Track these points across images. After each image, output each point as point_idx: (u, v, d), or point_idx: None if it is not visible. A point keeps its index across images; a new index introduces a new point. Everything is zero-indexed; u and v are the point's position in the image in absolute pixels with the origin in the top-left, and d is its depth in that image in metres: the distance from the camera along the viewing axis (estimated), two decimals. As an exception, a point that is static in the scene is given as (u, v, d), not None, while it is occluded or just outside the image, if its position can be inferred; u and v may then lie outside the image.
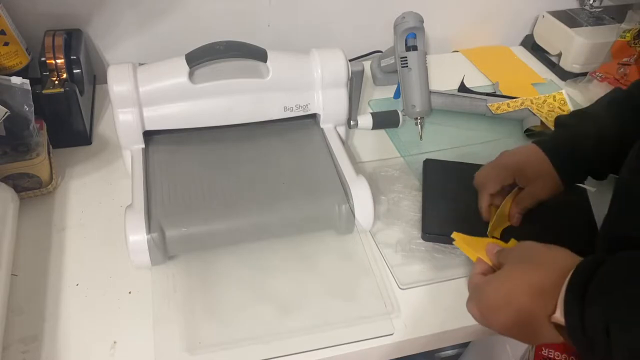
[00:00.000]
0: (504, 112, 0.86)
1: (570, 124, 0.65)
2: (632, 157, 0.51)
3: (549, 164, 0.62)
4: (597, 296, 0.39)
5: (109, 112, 0.86)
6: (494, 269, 0.51)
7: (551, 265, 0.44)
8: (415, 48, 0.81)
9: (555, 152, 0.63)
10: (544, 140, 0.65)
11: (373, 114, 0.84)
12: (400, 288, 0.61)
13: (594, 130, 0.62)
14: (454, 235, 0.58)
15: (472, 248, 0.56)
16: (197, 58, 0.64)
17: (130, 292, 0.59)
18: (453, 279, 0.62)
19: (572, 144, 0.63)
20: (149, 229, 0.56)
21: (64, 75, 0.75)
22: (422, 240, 0.66)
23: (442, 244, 0.66)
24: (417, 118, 0.81)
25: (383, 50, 0.94)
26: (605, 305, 0.38)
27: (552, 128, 0.82)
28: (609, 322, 0.37)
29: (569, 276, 0.41)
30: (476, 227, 0.63)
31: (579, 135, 0.63)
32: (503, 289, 0.46)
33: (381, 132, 0.85)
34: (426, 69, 0.82)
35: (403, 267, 0.63)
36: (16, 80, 0.65)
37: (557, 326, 0.43)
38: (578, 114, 0.66)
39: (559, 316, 0.41)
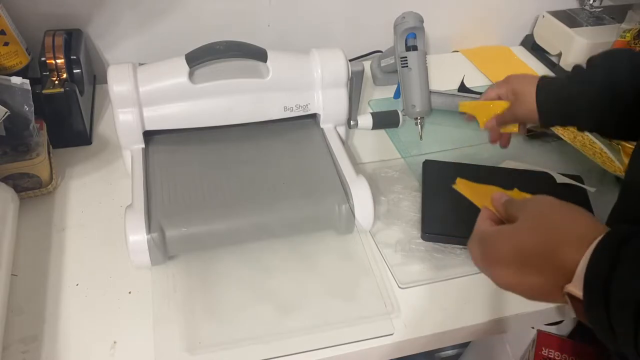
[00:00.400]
0: (504, 112, 0.86)
1: (579, 67, 0.66)
2: (635, 157, 0.51)
3: (534, 85, 0.66)
4: (627, 277, 0.34)
5: (109, 112, 0.86)
6: (501, 220, 0.47)
7: (570, 231, 0.39)
8: (415, 48, 0.81)
9: (545, 80, 0.66)
10: (548, 75, 0.68)
11: (373, 114, 0.84)
12: (400, 287, 0.61)
13: (588, 76, 0.63)
14: (458, 180, 0.53)
15: (476, 195, 0.51)
16: (197, 58, 0.64)
17: (130, 292, 0.59)
18: (453, 279, 0.62)
19: (562, 79, 0.66)
20: (149, 229, 0.56)
21: (64, 75, 0.75)
22: (421, 240, 0.66)
23: (441, 244, 0.66)
24: (417, 118, 0.81)
25: (383, 50, 0.94)
26: (637, 288, 0.33)
27: (551, 128, 0.82)
28: None
29: (592, 247, 0.36)
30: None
31: (574, 76, 0.65)
32: (514, 246, 0.41)
33: (381, 132, 0.85)
34: (426, 69, 0.82)
35: (403, 267, 0.63)
36: (16, 80, 0.65)
37: (569, 295, 0.38)
38: (597, 57, 0.65)
39: (574, 290, 0.37)
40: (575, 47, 0.98)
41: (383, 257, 0.64)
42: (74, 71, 0.77)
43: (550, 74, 1.04)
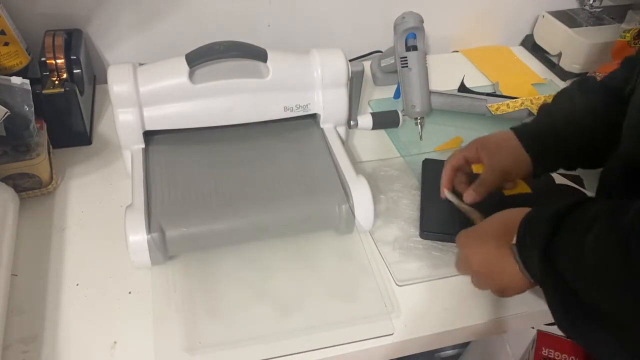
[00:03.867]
0: (504, 112, 0.86)
1: (542, 108, 0.66)
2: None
3: (513, 136, 0.63)
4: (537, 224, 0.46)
5: (109, 112, 0.86)
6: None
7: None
8: (415, 48, 0.81)
9: (521, 127, 0.64)
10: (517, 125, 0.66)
11: (373, 114, 0.84)
12: (398, 285, 0.61)
13: (566, 109, 0.63)
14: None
15: None
16: (197, 58, 0.64)
17: (130, 292, 0.59)
18: (450, 277, 0.62)
19: (538, 120, 0.65)
20: (149, 229, 0.56)
21: (64, 75, 0.75)
22: (420, 239, 0.66)
23: (439, 242, 0.66)
24: (417, 118, 0.81)
25: (383, 50, 0.94)
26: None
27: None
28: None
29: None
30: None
31: (548, 114, 0.64)
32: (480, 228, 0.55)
33: (381, 132, 0.85)
34: (426, 69, 0.82)
35: (400, 265, 0.63)
36: (16, 80, 0.65)
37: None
38: (553, 97, 0.67)
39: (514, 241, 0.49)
40: (575, 47, 0.98)
41: (381, 255, 0.64)
42: (74, 71, 0.77)
43: (551, 74, 1.04)
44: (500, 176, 0.61)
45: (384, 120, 0.85)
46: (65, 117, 0.75)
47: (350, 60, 0.70)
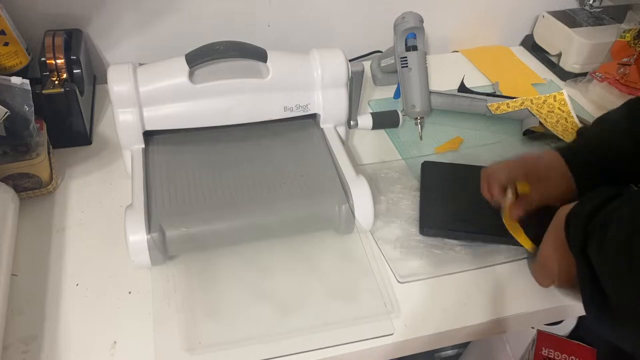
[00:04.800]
0: (504, 112, 0.86)
1: (588, 132, 0.67)
2: None
3: (563, 163, 0.63)
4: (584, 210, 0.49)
5: (109, 112, 0.86)
6: None
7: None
8: (415, 48, 0.81)
9: (570, 153, 0.64)
10: (563, 146, 0.67)
11: (373, 114, 0.84)
12: (399, 282, 0.61)
13: (609, 135, 0.63)
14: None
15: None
16: (197, 58, 0.64)
17: (130, 292, 0.59)
18: (452, 274, 0.62)
19: (586, 146, 0.65)
20: (149, 229, 0.56)
21: (64, 76, 0.75)
22: (420, 238, 0.66)
23: (440, 241, 0.66)
24: (417, 118, 0.81)
25: (383, 51, 0.94)
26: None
27: (551, 129, 0.82)
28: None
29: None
30: (473, 225, 0.63)
31: (595, 139, 0.65)
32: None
33: (381, 132, 0.85)
34: (426, 69, 0.82)
35: (401, 262, 0.63)
36: (16, 80, 0.65)
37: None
38: (596, 122, 0.68)
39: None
40: (575, 47, 0.98)
41: (382, 253, 0.64)
42: (74, 71, 0.78)
43: (551, 74, 1.04)
44: (546, 202, 0.63)
45: (384, 120, 0.85)
46: (65, 117, 0.75)
47: (350, 60, 0.70)
